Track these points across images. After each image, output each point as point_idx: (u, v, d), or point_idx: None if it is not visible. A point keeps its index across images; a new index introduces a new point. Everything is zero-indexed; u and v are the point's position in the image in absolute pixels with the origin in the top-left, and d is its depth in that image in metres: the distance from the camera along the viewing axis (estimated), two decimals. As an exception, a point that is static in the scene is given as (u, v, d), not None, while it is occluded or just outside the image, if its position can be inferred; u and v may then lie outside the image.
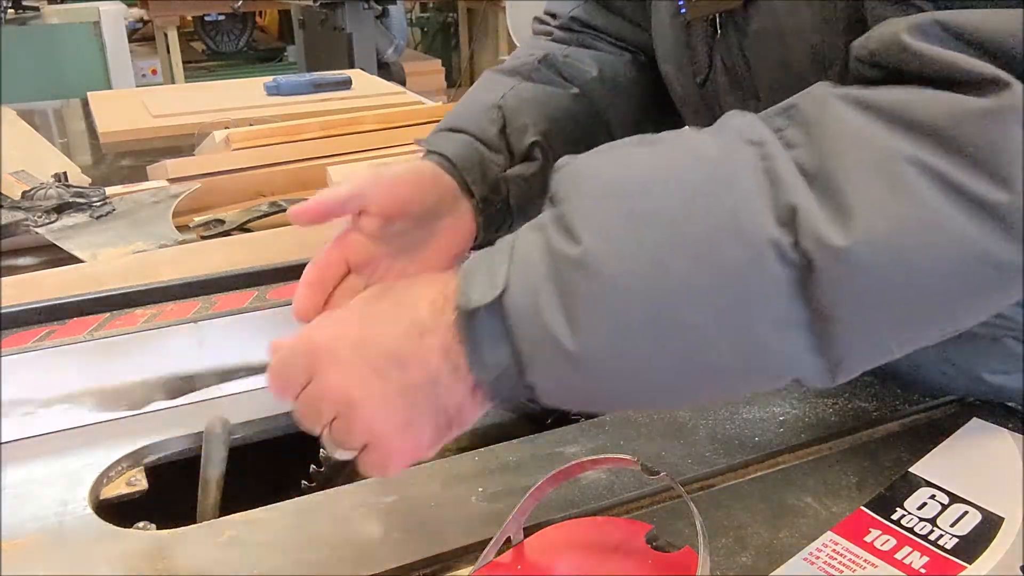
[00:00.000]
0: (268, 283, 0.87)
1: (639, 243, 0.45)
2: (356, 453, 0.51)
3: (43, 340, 0.76)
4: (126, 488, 0.70)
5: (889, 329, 0.46)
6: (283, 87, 1.87)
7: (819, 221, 0.43)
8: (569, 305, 0.45)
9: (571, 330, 0.45)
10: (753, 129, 0.47)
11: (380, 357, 0.49)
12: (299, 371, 0.51)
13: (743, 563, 0.58)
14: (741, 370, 0.47)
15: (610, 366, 0.46)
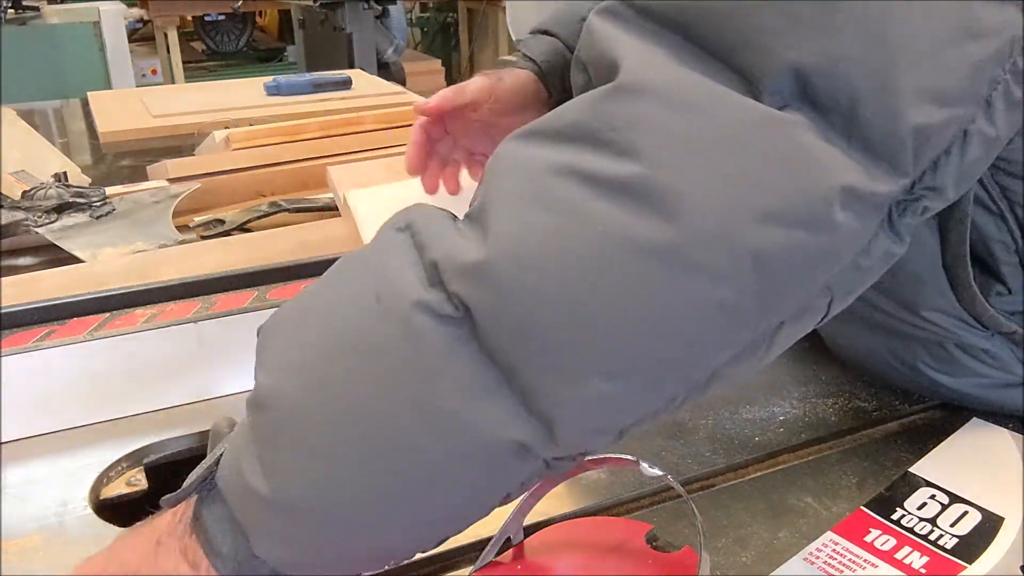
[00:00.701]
0: (268, 283, 0.87)
1: (301, 366, 0.42)
2: None
3: (43, 340, 0.76)
4: (126, 488, 0.70)
5: (581, 360, 0.39)
6: (283, 87, 1.87)
7: (459, 255, 0.39)
8: (262, 453, 0.41)
9: (264, 476, 0.40)
10: (400, 218, 0.44)
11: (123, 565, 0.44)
12: None
13: (743, 563, 0.58)
14: (460, 458, 0.40)
15: (315, 504, 0.40)
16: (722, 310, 0.38)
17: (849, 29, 0.39)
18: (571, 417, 0.40)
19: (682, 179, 0.37)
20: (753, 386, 0.79)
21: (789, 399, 0.77)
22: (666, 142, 0.38)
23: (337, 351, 0.41)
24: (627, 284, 0.38)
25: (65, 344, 0.75)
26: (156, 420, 0.77)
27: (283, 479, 0.40)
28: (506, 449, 0.40)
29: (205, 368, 0.79)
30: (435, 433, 0.39)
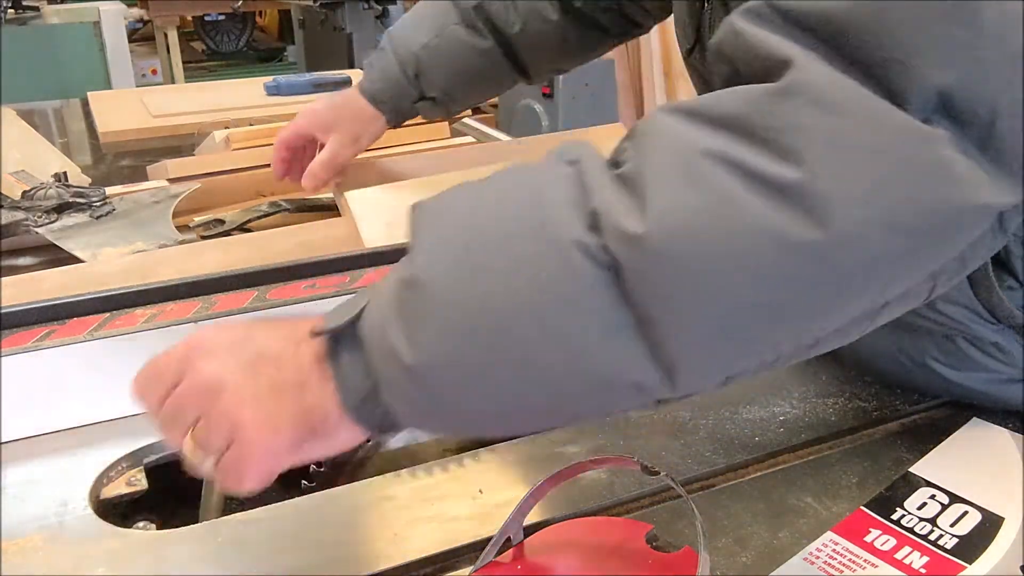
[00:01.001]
0: (268, 283, 0.87)
1: (461, 260, 0.47)
2: (216, 460, 0.50)
3: (43, 340, 0.76)
4: (126, 488, 0.70)
5: (712, 328, 0.44)
6: (283, 87, 1.86)
7: (619, 216, 0.44)
8: (407, 323, 0.47)
9: (408, 345, 0.46)
10: (572, 151, 0.48)
11: (255, 354, 0.50)
12: (169, 373, 0.51)
13: (743, 563, 0.58)
14: (574, 379, 0.46)
15: (444, 378, 0.47)
16: (840, 296, 0.44)
17: (993, 50, 0.41)
18: (693, 371, 0.46)
19: (838, 189, 0.41)
20: (753, 386, 0.79)
21: (789, 399, 0.77)
22: (827, 151, 0.41)
23: (495, 255, 0.46)
24: (766, 271, 0.43)
25: (65, 344, 0.75)
26: (156, 420, 0.77)
27: (423, 352, 0.46)
28: (624, 386, 0.46)
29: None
30: (563, 355, 0.45)
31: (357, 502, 0.65)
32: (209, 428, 0.50)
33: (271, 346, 0.51)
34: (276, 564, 0.59)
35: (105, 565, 0.59)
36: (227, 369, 0.50)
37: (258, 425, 0.49)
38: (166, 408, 0.51)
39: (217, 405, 0.49)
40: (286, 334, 0.51)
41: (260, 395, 0.49)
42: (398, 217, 1.00)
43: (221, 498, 0.70)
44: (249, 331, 0.52)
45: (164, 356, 0.52)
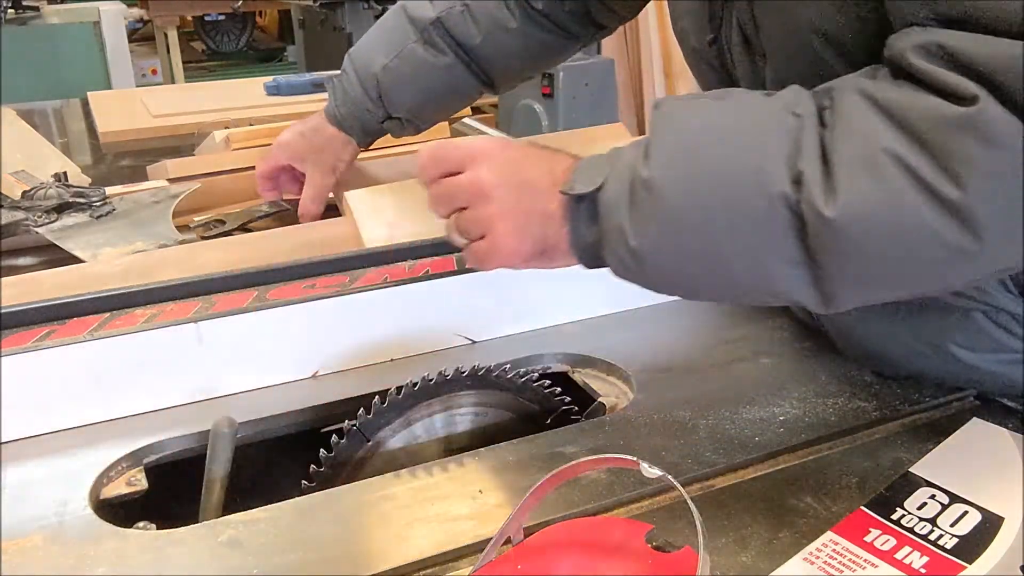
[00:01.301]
0: (268, 283, 0.87)
1: (690, 179, 0.59)
2: (465, 242, 0.67)
3: (43, 340, 0.76)
4: (126, 488, 0.70)
5: (868, 282, 0.58)
6: (283, 87, 1.86)
7: (815, 192, 0.55)
8: (634, 213, 0.60)
9: (634, 231, 0.60)
10: (799, 102, 0.58)
11: (524, 181, 0.64)
12: (454, 162, 0.66)
13: (743, 563, 0.58)
14: (754, 287, 0.62)
15: (655, 262, 0.61)
16: (976, 273, 0.58)
17: None
18: (842, 304, 0.60)
19: (991, 214, 0.53)
20: (753, 386, 0.79)
21: (789, 399, 0.77)
22: (985, 181, 0.52)
23: (718, 181, 0.58)
24: (921, 257, 0.55)
25: (65, 344, 0.75)
26: (156, 420, 0.77)
27: (646, 240, 0.60)
28: (788, 299, 0.61)
29: (205, 368, 0.79)
30: (751, 270, 0.60)
31: (357, 502, 0.65)
32: (473, 220, 0.65)
33: (535, 178, 0.64)
34: (276, 564, 0.59)
35: (105, 565, 0.59)
36: (500, 183, 0.64)
37: (509, 233, 0.64)
38: (443, 188, 0.67)
39: (485, 208, 0.64)
40: (549, 170, 0.65)
41: (517, 213, 0.64)
42: (399, 217, 1.01)
43: (221, 498, 0.70)
44: (524, 157, 0.66)
45: (454, 148, 0.67)
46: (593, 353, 0.87)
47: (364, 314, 0.85)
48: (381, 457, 0.74)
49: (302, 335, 0.83)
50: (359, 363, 0.85)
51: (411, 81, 1.03)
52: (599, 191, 0.62)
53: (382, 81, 1.03)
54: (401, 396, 0.73)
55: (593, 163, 0.64)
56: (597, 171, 0.62)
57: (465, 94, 1.10)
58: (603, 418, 0.77)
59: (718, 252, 0.59)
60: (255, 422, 0.77)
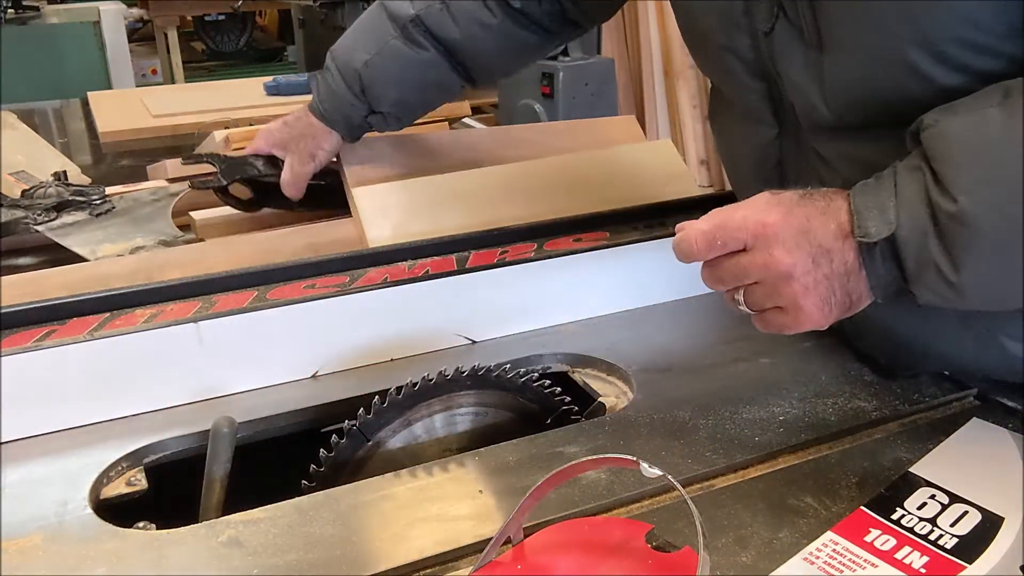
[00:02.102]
0: (268, 283, 0.87)
1: (1005, 205, 0.58)
2: (759, 312, 0.67)
3: (43, 340, 0.76)
4: (126, 488, 0.70)
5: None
6: (283, 87, 1.86)
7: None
8: (950, 248, 0.60)
9: (952, 267, 0.60)
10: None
11: (817, 247, 0.63)
12: (736, 240, 0.65)
13: (743, 563, 0.58)
14: None
15: (978, 291, 0.61)
16: None
17: None
18: None
19: None
20: (753, 386, 0.79)
21: (789, 399, 0.77)
22: None
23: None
24: None
25: (65, 344, 0.75)
26: (156, 420, 0.77)
27: (968, 275, 0.60)
28: None
29: (205, 368, 0.79)
30: None
31: (357, 502, 0.65)
32: (769, 296, 0.65)
33: (826, 241, 0.63)
34: (276, 564, 0.59)
35: (105, 565, 0.59)
36: (798, 260, 0.63)
37: (816, 307, 0.64)
38: (730, 269, 0.66)
39: (787, 287, 0.64)
40: (835, 230, 0.63)
41: (819, 284, 0.64)
42: (405, 216, 1.01)
43: (221, 498, 0.70)
44: (807, 219, 0.64)
45: (736, 228, 0.64)
46: (593, 353, 0.87)
47: (364, 314, 0.85)
48: (381, 457, 0.74)
49: (302, 335, 0.83)
50: (359, 363, 0.85)
51: (393, 76, 1.04)
52: (896, 232, 0.61)
53: (364, 77, 1.04)
54: (401, 396, 0.73)
55: (873, 200, 0.63)
56: (880, 210, 0.62)
57: (447, 88, 1.10)
58: (603, 418, 0.77)
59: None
60: (255, 422, 0.77)
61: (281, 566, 0.58)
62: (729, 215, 0.65)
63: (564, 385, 0.82)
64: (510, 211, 1.04)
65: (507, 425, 0.79)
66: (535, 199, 1.07)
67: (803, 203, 0.65)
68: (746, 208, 0.65)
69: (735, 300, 0.67)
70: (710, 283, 0.68)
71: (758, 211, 0.64)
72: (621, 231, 0.98)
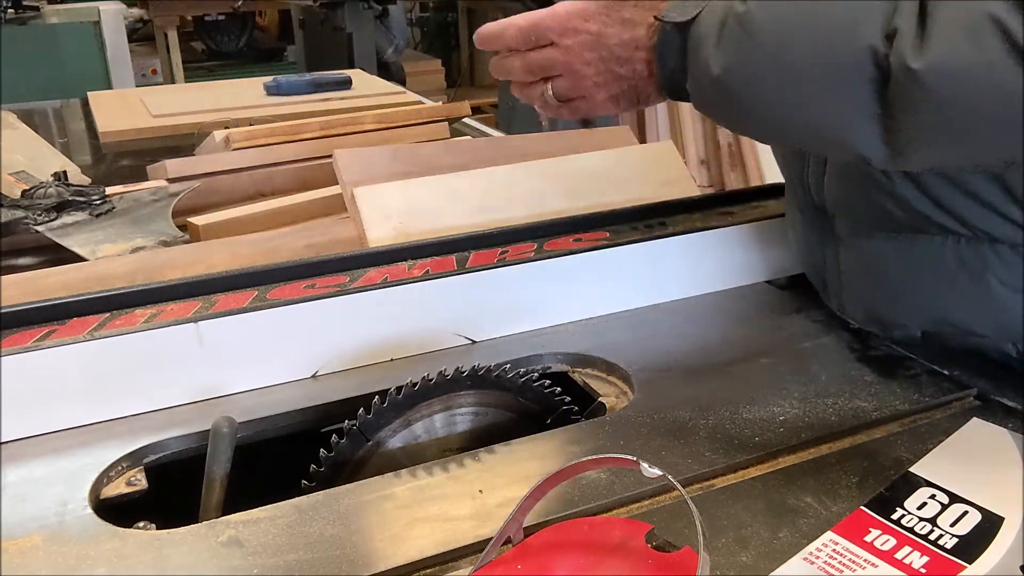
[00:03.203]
0: (268, 283, 0.87)
1: (783, 20, 0.63)
2: (559, 105, 0.78)
3: (43, 340, 0.75)
4: (126, 488, 0.70)
5: (942, 140, 0.61)
6: (283, 87, 1.87)
7: (905, 46, 0.58)
8: (723, 45, 0.66)
9: (720, 61, 0.66)
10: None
11: (609, 53, 0.74)
12: (545, 35, 0.75)
13: (743, 563, 0.58)
14: (824, 130, 0.65)
15: (734, 92, 0.67)
16: None
17: None
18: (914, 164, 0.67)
19: None
20: (753, 386, 0.79)
21: (789, 399, 0.77)
22: None
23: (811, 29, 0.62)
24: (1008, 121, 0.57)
25: (65, 344, 0.75)
26: (156, 420, 0.77)
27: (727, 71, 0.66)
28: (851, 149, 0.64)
29: (205, 368, 0.79)
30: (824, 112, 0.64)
31: (357, 502, 0.65)
32: (567, 88, 0.76)
33: (619, 49, 0.73)
34: (276, 564, 0.59)
35: (105, 565, 0.59)
36: (590, 59, 0.74)
37: (604, 99, 0.76)
38: (535, 58, 0.77)
39: (578, 79, 0.75)
40: (629, 39, 0.73)
41: (608, 83, 0.75)
42: (406, 217, 1.01)
43: (221, 498, 0.70)
44: (607, 29, 0.73)
45: (543, 19, 0.76)
46: (593, 353, 0.87)
47: (364, 314, 0.85)
48: (381, 457, 0.74)
49: (302, 335, 0.83)
50: (359, 363, 0.85)
51: None
52: (691, 22, 0.68)
53: None
54: (401, 396, 0.73)
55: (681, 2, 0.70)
56: (692, 5, 0.68)
57: None
58: (603, 418, 0.77)
59: (796, 92, 0.64)
60: (255, 422, 0.77)
61: (281, 566, 0.58)
62: (545, 14, 0.76)
63: (564, 385, 0.82)
64: (510, 211, 1.05)
65: (507, 425, 0.79)
66: (535, 199, 1.07)
67: (611, 7, 0.74)
68: (562, 7, 0.75)
69: (543, 96, 0.78)
70: (514, 75, 0.79)
71: (563, 8, 0.75)
72: (621, 231, 0.98)
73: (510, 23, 0.77)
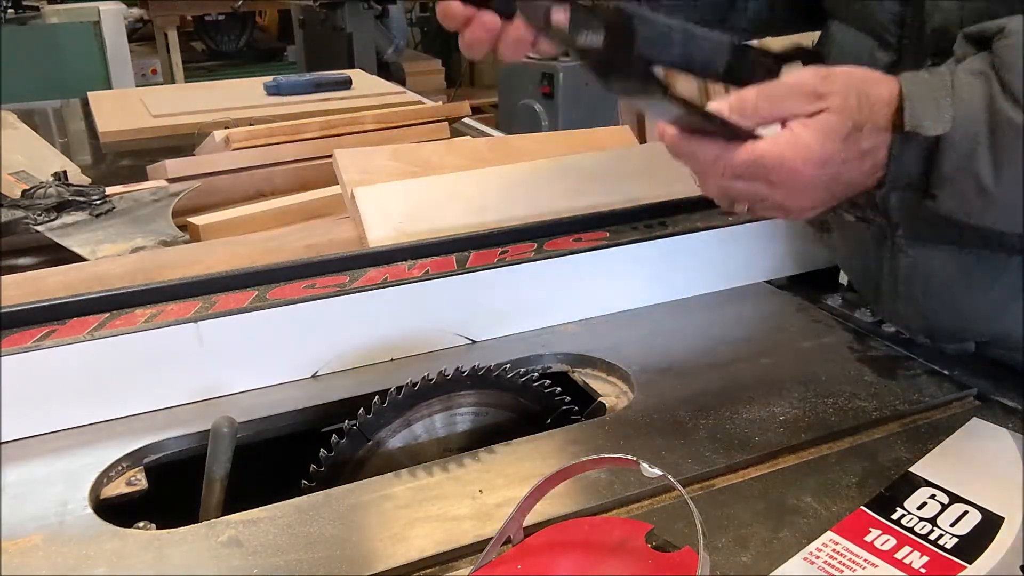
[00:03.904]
0: (268, 283, 0.87)
1: None
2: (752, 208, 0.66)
3: (43, 340, 0.75)
4: (126, 488, 0.70)
5: None
6: (283, 87, 1.87)
7: None
8: (999, 156, 0.60)
9: (994, 175, 0.60)
10: None
11: (843, 186, 0.64)
12: (766, 176, 0.62)
13: (743, 563, 0.58)
14: None
15: (1014, 205, 0.61)
16: None
17: None
18: None
19: None
20: (753, 386, 0.79)
21: (789, 399, 0.77)
22: None
23: None
24: None
25: (65, 344, 0.75)
26: (156, 420, 0.77)
27: (1008, 186, 0.61)
28: None
29: (205, 368, 0.79)
30: None
31: (357, 502, 0.65)
32: (776, 212, 0.66)
33: (858, 178, 0.64)
34: (276, 564, 0.59)
35: (105, 565, 0.59)
36: (814, 195, 0.64)
37: (803, 212, 0.66)
38: (745, 193, 0.64)
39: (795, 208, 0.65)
40: (869, 168, 0.63)
41: (827, 203, 0.65)
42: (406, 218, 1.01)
43: (221, 498, 0.70)
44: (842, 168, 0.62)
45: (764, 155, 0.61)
46: (593, 353, 0.87)
47: (364, 314, 0.85)
48: (381, 457, 0.74)
49: (302, 335, 0.83)
50: (359, 363, 0.85)
51: None
52: (949, 131, 0.60)
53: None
54: (401, 396, 0.73)
55: (927, 92, 0.61)
56: (936, 105, 0.61)
57: None
58: (603, 418, 0.77)
59: None
60: (255, 422, 0.77)
61: (281, 566, 0.58)
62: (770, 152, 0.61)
63: (564, 385, 0.82)
64: (510, 211, 1.04)
65: (507, 425, 0.79)
66: (535, 199, 1.07)
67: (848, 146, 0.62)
68: (787, 146, 0.61)
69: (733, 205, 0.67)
70: (719, 199, 0.67)
71: (797, 155, 0.61)
72: (621, 231, 0.98)
73: (722, 155, 0.62)
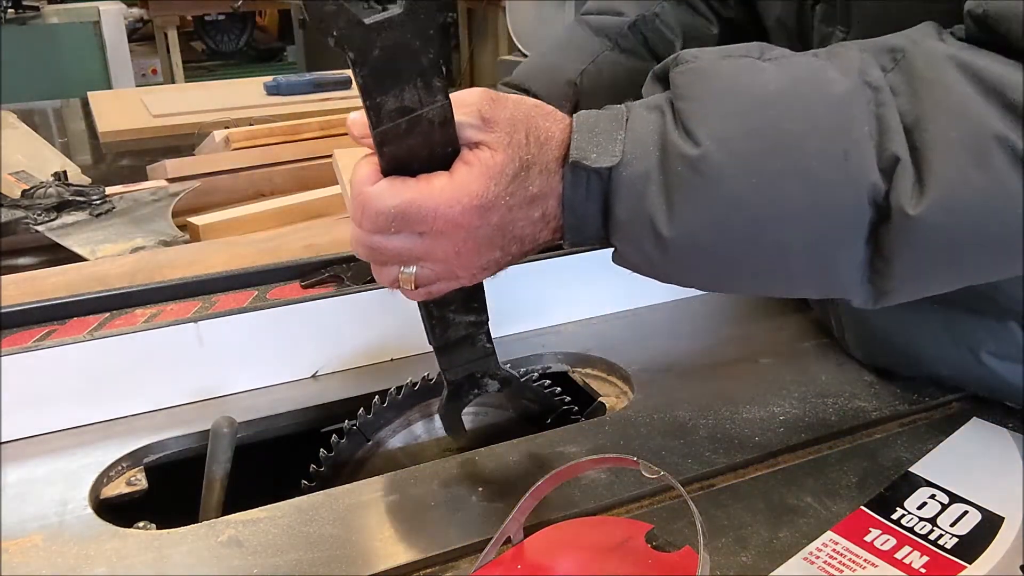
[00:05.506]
0: (268, 283, 0.87)
1: (754, 159, 0.50)
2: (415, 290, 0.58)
3: (43, 340, 0.75)
4: (126, 488, 0.70)
5: (934, 277, 0.53)
6: (283, 87, 1.87)
7: (906, 184, 0.49)
8: (672, 196, 0.51)
9: (668, 217, 0.51)
10: (869, 70, 0.51)
11: (510, 239, 0.55)
12: (420, 224, 0.53)
13: (743, 563, 0.58)
14: (804, 284, 0.56)
15: (692, 255, 0.53)
16: None
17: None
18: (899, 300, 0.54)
19: None
20: (753, 386, 0.79)
21: (789, 399, 0.77)
22: None
23: (793, 174, 0.50)
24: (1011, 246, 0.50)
25: (65, 344, 0.75)
26: (156, 420, 0.77)
27: (683, 228, 0.51)
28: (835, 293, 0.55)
29: (205, 368, 0.79)
30: (811, 270, 0.53)
31: (357, 502, 0.65)
32: (438, 276, 0.56)
33: (529, 230, 0.55)
34: (276, 564, 0.59)
35: (105, 565, 0.59)
36: (463, 261, 0.55)
37: (474, 272, 0.56)
38: (395, 251, 0.55)
39: (458, 268, 0.55)
40: (539, 217, 0.54)
41: (499, 263, 0.56)
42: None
43: (221, 498, 0.70)
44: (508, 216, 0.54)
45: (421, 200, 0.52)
46: (593, 353, 0.87)
47: (364, 314, 0.85)
48: (381, 457, 0.74)
49: (302, 335, 0.83)
50: (359, 363, 0.85)
51: (609, 85, 0.94)
52: (617, 167, 0.52)
53: (581, 86, 0.92)
54: (401, 396, 0.73)
55: (595, 126, 0.53)
56: (608, 139, 0.53)
57: None
58: (603, 418, 0.77)
59: (779, 244, 0.52)
60: (255, 422, 0.77)
61: (281, 566, 0.58)
62: (425, 198, 0.52)
63: (564, 385, 0.82)
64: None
65: (507, 425, 0.79)
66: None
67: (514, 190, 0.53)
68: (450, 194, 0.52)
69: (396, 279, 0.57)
70: (363, 255, 0.56)
71: (455, 199, 0.52)
72: (621, 231, 0.98)
73: (371, 195, 0.52)
